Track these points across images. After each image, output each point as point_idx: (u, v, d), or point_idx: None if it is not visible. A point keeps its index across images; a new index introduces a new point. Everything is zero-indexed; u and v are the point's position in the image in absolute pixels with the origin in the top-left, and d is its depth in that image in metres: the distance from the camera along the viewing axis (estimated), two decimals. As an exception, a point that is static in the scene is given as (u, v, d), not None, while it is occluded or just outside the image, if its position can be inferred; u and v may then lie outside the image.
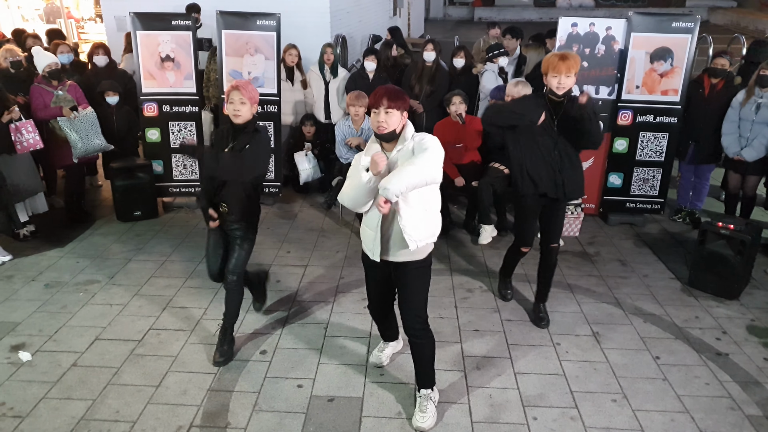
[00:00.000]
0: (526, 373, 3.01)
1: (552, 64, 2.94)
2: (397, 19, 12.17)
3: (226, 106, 2.83)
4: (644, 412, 2.74)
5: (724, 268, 3.67)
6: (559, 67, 2.91)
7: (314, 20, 6.68)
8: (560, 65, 2.91)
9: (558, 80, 2.94)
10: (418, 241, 2.40)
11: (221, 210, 2.97)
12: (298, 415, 2.71)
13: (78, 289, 3.82)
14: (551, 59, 2.96)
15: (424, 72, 5.25)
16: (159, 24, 4.75)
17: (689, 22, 4.39)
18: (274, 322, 3.46)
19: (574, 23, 4.53)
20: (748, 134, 4.18)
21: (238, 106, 2.78)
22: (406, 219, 2.37)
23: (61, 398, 2.81)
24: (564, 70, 2.91)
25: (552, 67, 2.94)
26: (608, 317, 3.53)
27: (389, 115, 2.33)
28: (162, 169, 5.04)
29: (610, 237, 4.67)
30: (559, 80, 2.94)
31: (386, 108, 2.33)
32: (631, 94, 4.55)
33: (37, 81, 4.49)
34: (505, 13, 20.98)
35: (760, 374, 3.01)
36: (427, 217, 2.44)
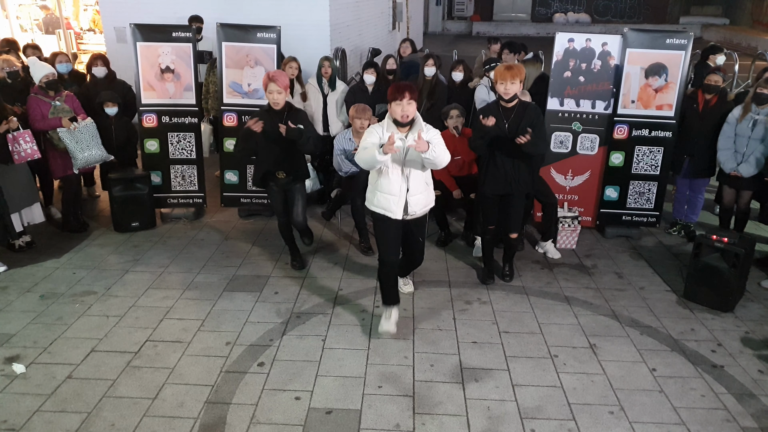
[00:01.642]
0: (524, 385, 3.01)
1: (499, 73, 3.55)
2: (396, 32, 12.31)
3: (267, 95, 3.66)
4: (641, 424, 2.75)
5: (719, 281, 3.71)
6: (504, 75, 3.51)
7: (314, 33, 6.76)
8: (505, 73, 3.51)
9: (504, 87, 3.52)
10: (427, 206, 3.33)
11: (279, 177, 3.86)
12: (296, 427, 2.70)
13: (74, 300, 3.81)
14: (498, 69, 3.58)
15: (423, 86, 5.31)
16: (159, 35, 4.79)
17: (683, 38, 4.47)
18: (272, 333, 3.45)
19: (570, 39, 4.60)
20: (744, 150, 4.25)
21: (276, 96, 3.63)
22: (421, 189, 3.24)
23: (55, 411, 2.78)
24: (509, 77, 3.50)
25: (499, 76, 3.54)
26: (605, 329, 3.54)
27: (410, 105, 3.02)
28: (160, 180, 5.05)
29: (607, 250, 4.70)
30: (506, 86, 3.52)
31: (408, 99, 3.00)
32: (627, 108, 4.61)
33: (33, 91, 4.50)
34: (503, 27, 21.26)
35: (755, 386, 3.02)
36: (428, 188, 3.33)
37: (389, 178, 3.16)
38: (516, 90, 3.54)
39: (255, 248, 4.62)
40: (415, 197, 3.21)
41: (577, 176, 4.86)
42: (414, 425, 2.72)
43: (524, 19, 22.42)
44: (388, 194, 3.19)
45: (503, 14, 22.49)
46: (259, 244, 4.69)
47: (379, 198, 3.22)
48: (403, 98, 2.98)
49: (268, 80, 3.60)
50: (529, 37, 19.09)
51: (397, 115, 3.03)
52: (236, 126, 4.97)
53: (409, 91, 2.99)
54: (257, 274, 4.17)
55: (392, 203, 3.19)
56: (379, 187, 3.21)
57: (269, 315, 3.64)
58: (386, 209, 3.22)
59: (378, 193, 3.22)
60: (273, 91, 3.61)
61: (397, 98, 2.99)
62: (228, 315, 3.64)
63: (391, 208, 3.20)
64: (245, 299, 3.81)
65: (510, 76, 3.50)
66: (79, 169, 4.60)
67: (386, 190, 3.19)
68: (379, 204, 3.23)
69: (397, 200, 3.19)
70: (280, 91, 3.60)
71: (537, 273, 4.27)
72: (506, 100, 3.58)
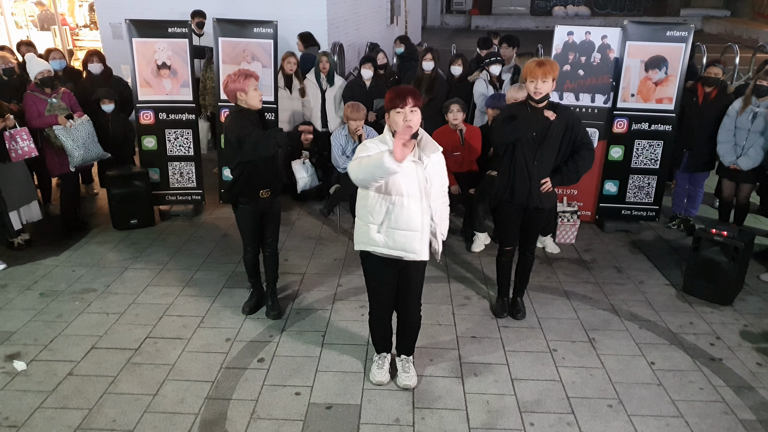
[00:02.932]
0: (523, 379, 3.02)
1: (529, 70, 3.01)
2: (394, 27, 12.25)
3: (251, 93, 3.10)
4: (639, 417, 2.76)
5: (718, 275, 3.71)
6: (535, 72, 2.98)
7: (311, 28, 6.73)
8: (536, 70, 2.98)
9: (535, 85, 3.02)
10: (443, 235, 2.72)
11: (263, 196, 3.27)
12: (296, 422, 2.71)
13: (74, 297, 3.81)
14: (530, 65, 3.02)
15: (423, 80, 5.29)
16: (155, 31, 4.76)
17: (683, 31, 4.45)
18: (271, 329, 3.45)
19: (570, 32, 4.58)
20: (744, 143, 4.23)
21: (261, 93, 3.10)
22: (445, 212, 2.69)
23: (56, 408, 2.79)
24: (540, 75, 2.98)
25: (529, 73, 3.01)
26: (604, 323, 3.55)
27: (414, 113, 2.42)
28: (158, 177, 5.04)
29: (606, 244, 4.70)
30: (536, 85, 3.01)
31: (412, 106, 2.41)
32: (627, 102, 4.60)
33: (30, 88, 4.48)
34: (502, 21, 21.16)
35: (753, 379, 3.03)
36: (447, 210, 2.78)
37: (405, 209, 2.48)
38: (548, 89, 3.02)
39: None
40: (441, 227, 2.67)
41: (576, 170, 4.85)
42: (414, 420, 2.73)
43: (523, 12, 22.31)
44: (410, 231, 2.50)
45: (502, 8, 22.37)
46: (259, 241, 4.69)
47: (394, 237, 2.51)
48: (405, 105, 2.39)
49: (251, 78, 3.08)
50: (528, 31, 19.01)
51: (398, 126, 2.41)
52: (234, 122, 4.95)
53: (413, 97, 2.40)
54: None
55: (416, 241, 2.51)
56: (391, 223, 2.50)
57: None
58: (408, 250, 2.53)
59: (392, 232, 2.51)
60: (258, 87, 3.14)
61: (397, 105, 2.40)
62: (228, 311, 3.64)
63: (414, 248, 2.52)
64: (245, 295, 3.81)
65: (542, 73, 2.96)
66: (76, 167, 4.59)
67: (406, 225, 2.49)
68: (395, 244, 2.52)
69: (421, 237, 2.52)
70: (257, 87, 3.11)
71: (536, 267, 4.26)
72: (536, 101, 3.06)
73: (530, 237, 3.44)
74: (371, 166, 2.27)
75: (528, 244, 3.45)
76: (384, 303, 2.82)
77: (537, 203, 3.25)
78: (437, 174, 2.59)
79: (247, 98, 3.11)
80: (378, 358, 3.01)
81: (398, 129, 2.41)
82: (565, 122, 3.14)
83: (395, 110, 2.41)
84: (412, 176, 2.47)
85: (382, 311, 2.85)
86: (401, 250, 2.55)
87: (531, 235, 3.43)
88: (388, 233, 2.53)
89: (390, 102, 2.42)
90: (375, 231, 2.55)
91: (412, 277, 2.72)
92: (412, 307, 2.83)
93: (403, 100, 2.39)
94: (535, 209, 3.28)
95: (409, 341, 2.95)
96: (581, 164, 3.22)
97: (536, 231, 3.46)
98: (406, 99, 2.39)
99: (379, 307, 2.84)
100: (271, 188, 3.30)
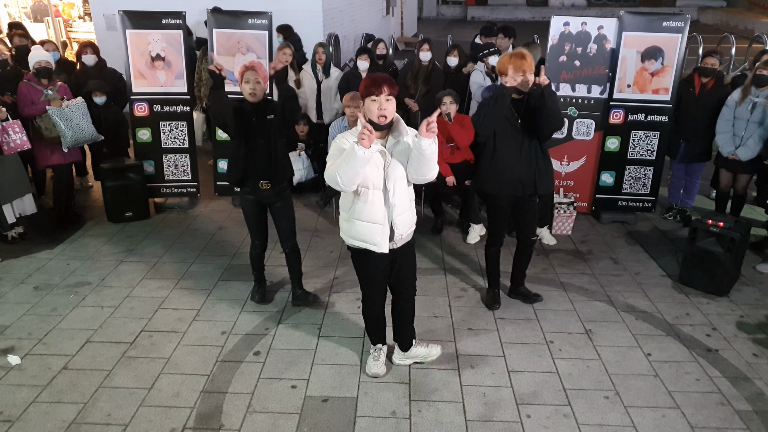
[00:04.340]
0: (519, 371, 3.02)
1: (514, 65, 2.97)
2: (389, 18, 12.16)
3: (242, 86, 3.08)
4: (636, 408, 2.76)
5: (714, 265, 3.71)
6: (522, 66, 2.96)
7: (307, 19, 6.67)
8: (522, 63, 2.95)
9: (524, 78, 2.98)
10: (413, 225, 2.71)
11: (262, 187, 3.24)
12: (293, 415, 2.70)
13: (68, 291, 3.78)
14: (509, 60, 2.99)
15: (419, 71, 5.26)
16: (149, 23, 4.70)
17: (679, 21, 4.42)
18: (267, 322, 3.44)
19: (566, 22, 4.54)
20: (743, 133, 4.22)
21: (254, 85, 3.06)
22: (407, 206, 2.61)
23: (51, 402, 2.78)
24: (528, 68, 2.96)
25: (514, 68, 2.97)
26: (601, 315, 3.55)
27: (389, 102, 2.39)
28: (153, 169, 5.00)
29: (603, 235, 4.70)
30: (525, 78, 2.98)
31: (387, 95, 2.36)
32: (623, 92, 4.58)
33: (27, 77, 4.43)
34: (498, 12, 21.06)
35: (749, 370, 3.04)
36: (412, 206, 2.71)
37: (369, 201, 2.51)
38: (533, 80, 2.99)
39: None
40: (402, 216, 2.59)
41: (572, 161, 4.84)
42: (410, 412, 2.73)
43: (519, 3, 22.19)
44: (370, 222, 2.55)
45: (499, -2, 22.26)
46: (254, 233, 4.66)
47: (357, 228, 2.57)
48: (380, 93, 2.35)
49: (246, 68, 3.07)
50: (524, 22, 18.92)
51: (372, 114, 2.38)
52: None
53: (388, 85, 2.36)
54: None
55: (376, 233, 2.55)
56: (355, 214, 2.56)
57: (265, 304, 3.62)
58: (369, 242, 2.57)
59: (356, 223, 2.57)
60: (250, 80, 3.05)
61: (372, 93, 2.36)
62: (223, 304, 3.63)
63: (375, 240, 2.56)
64: (240, 288, 3.79)
65: (529, 66, 2.96)
66: (68, 148, 4.50)
67: (367, 217, 2.54)
68: (358, 235, 2.59)
69: (381, 229, 2.55)
70: (259, 80, 3.06)
71: (533, 259, 4.25)
72: (520, 93, 3.07)
73: (528, 223, 3.42)
74: (346, 162, 2.33)
75: (528, 232, 3.45)
76: (375, 295, 2.83)
77: (531, 191, 3.24)
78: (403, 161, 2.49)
79: (242, 87, 3.14)
80: (374, 350, 3.01)
81: (372, 117, 2.40)
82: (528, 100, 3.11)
83: (370, 98, 2.38)
84: (377, 166, 2.48)
85: (374, 303, 2.86)
86: (365, 242, 2.59)
87: (528, 221, 3.41)
88: (352, 222, 2.59)
89: (365, 89, 2.39)
90: (344, 219, 2.65)
91: (401, 260, 2.75)
92: (410, 287, 2.87)
93: (379, 88, 2.35)
94: (529, 196, 3.27)
95: (408, 331, 2.98)
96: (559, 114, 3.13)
97: (533, 217, 3.42)
98: (381, 87, 2.35)
99: (371, 300, 2.86)
100: (271, 180, 3.25)
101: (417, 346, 3.03)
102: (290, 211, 3.43)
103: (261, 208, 3.37)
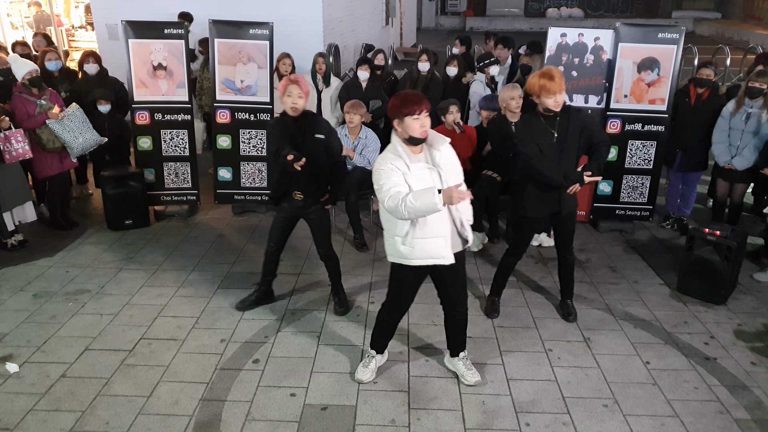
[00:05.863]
0: (518, 379, 3.03)
1: (544, 87, 3.02)
2: (389, 28, 12.28)
3: (283, 99, 3.14)
4: (635, 416, 2.77)
5: (712, 274, 3.73)
6: (550, 87, 3.01)
7: (307, 29, 6.73)
8: (552, 85, 3.01)
9: (554, 100, 3.05)
10: None
11: (296, 198, 3.30)
12: (292, 424, 2.70)
13: (67, 299, 3.78)
14: (539, 81, 3.04)
15: (418, 81, 5.31)
16: (151, 32, 4.75)
17: (675, 33, 4.48)
18: (266, 330, 3.44)
19: (563, 33, 4.60)
20: (738, 143, 4.27)
21: (296, 99, 3.13)
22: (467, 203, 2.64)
23: (49, 410, 2.77)
24: (558, 90, 3.02)
25: (545, 90, 3.03)
26: (599, 323, 3.56)
27: (427, 118, 2.52)
28: (154, 177, 5.02)
29: (601, 244, 4.72)
30: (556, 99, 3.05)
31: (426, 113, 2.49)
32: (620, 103, 4.63)
33: (17, 90, 4.44)
34: (497, 22, 21.24)
35: (747, 378, 3.05)
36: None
37: (429, 220, 2.52)
38: (564, 99, 3.09)
39: (249, 245, 4.61)
40: (466, 214, 2.67)
41: (570, 171, 4.87)
42: (409, 420, 2.73)
43: (517, 14, 22.40)
44: (434, 237, 2.55)
45: (496, 9, 22.47)
46: (254, 241, 4.68)
47: (422, 247, 2.56)
48: (421, 112, 2.45)
49: (289, 82, 3.12)
50: (522, 32, 19.09)
51: (415, 132, 2.47)
52: (229, 123, 4.96)
53: (426, 103, 2.49)
54: (252, 271, 4.16)
55: (440, 247, 2.57)
56: (417, 234, 2.54)
57: (264, 312, 3.63)
58: (436, 256, 2.58)
59: (419, 242, 2.55)
60: (293, 94, 3.11)
61: (414, 112, 2.44)
62: (222, 312, 3.63)
63: (441, 254, 2.58)
64: (240, 296, 3.79)
65: (558, 87, 3.01)
66: (77, 157, 4.59)
67: (430, 233, 2.54)
68: (423, 254, 2.57)
69: (444, 242, 2.58)
70: (301, 95, 3.11)
71: (531, 267, 4.28)
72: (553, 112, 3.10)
73: (567, 239, 3.45)
74: (423, 211, 2.40)
75: (566, 248, 3.47)
76: (403, 307, 2.89)
77: (568, 208, 3.30)
78: (450, 169, 2.60)
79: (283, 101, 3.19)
80: (368, 355, 3.02)
81: (415, 134, 2.49)
82: (580, 124, 3.18)
83: (412, 117, 2.46)
84: (428, 184, 2.51)
85: (398, 313, 2.92)
86: (429, 258, 2.61)
87: (567, 237, 3.45)
88: (413, 243, 2.57)
89: (405, 108, 2.46)
90: (400, 243, 2.61)
91: (454, 271, 2.74)
92: (463, 297, 2.89)
93: (420, 105, 2.46)
94: (568, 213, 3.33)
95: (463, 336, 2.99)
96: (601, 159, 3.25)
97: (571, 233, 3.45)
98: (421, 104, 2.46)
99: (397, 309, 2.90)
100: (305, 193, 3.30)
101: (461, 360, 3.01)
102: (326, 222, 3.50)
103: (290, 222, 3.46)
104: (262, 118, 4.97)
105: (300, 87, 3.11)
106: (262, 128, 4.99)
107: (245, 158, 5.05)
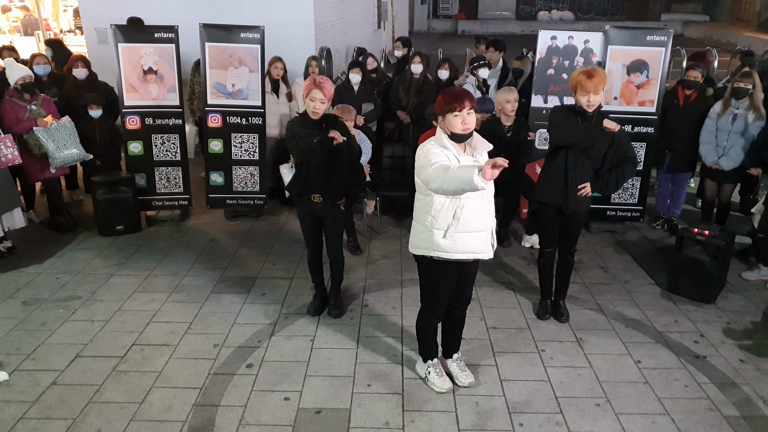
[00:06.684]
0: (512, 380, 3.04)
1: (580, 84, 3.00)
2: (381, 32, 12.31)
3: (306, 101, 3.13)
4: (627, 415, 2.79)
5: (701, 273, 3.77)
6: (586, 86, 2.98)
7: (299, 33, 6.74)
8: (587, 83, 2.97)
9: (587, 99, 3.01)
10: None
11: (314, 200, 3.29)
12: (286, 428, 2.69)
13: (58, 305, 3.75)
14: (578, 77, 3.02)
15: (411, 84, 5.33)
16: (141, 36, 4.74)
17: (663, 35, 4.54)
18: (260, 334, 3.43)
19: (553, 36, 4.65)
20: (725, 143, 4.33)
21: (318, 105, 3.11)
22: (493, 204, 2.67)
23: (40, 418, 2.74)
24: (592, 89, 2.98)
25: (580, 86, 3.00)
26: (591, 323, 3.59)
27: (470, 115, 2.50)
28: (145, 182, 5.00)
29: (592, 244, 4.76)
30: (589, 98, 3.01)
31: (469, 109, 2.48)
32: (610, 105, 4.67)
33: (8, 94, 4.41)
34: (488, 26, 21.36)
35: (736, 375, 3.08)
36: None
37: (472, 211, 2.54)
38: (600, 101, 3.03)
39: (242, 249, 4.60)
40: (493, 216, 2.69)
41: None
42: (403, 422, 2.73)
43: (509, 17, 22.55)
44: (476, 231, 2.57)
45: (488, 12, 22.60)
46: (246, 246, 4.67)
47: (465, 241, 2.56)
48: (462, 108, 2.45)
49: (314, 86, 3.09)
50: (513, 35, 19.22)
51: (456, 128, 2.47)
52: (221, 127, 4.94)
53: (469, 99, 2.47)
54: (244, 275, 4.15)
55: (481, 241, 2.61)
56: (459, 227, 2.54)
57: (257, 316, 3.62)
58: (477, 251, 2.62)
59: (461, 236, 2.55)
60: (316, 98, 3.09)
61: (455, 108, 2.45)
62: (215, 317, 3.62)
63: (482, 248, 2.62)
64: (233, 301, 3.79)
65: (593, 87, 2.97)
66: (56, 169, 4.51)
67: (473, 227, 2.56)
68: (465, 248, 2.58)
69: (485, 236, 2.61)
70: (323, 100, 3.10)
71: (524, 269, 4.30)
72: (589, 113, 3.08)
73: (569, 241, 3.47)
74: (459, 180, 2.29)
75: (567, 248, 3.49)
76: (442, 304, 2.84)
77: (574, 207, 3.29)
78: None
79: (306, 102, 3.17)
80: (433, 366, 2.96)
81: (456, 131, 2.49)
82: (612, 136, 3.15)
83: (453, 113, 2.46)
84: None
85: (440, 315, 2.88)
86: (471, 252, 2.61)
87: (570, 238, 3.47)
88: (455, 237, 2.56)
89: (446, 105, 2.47)
90: (440, 236, 2.57)
91: (469, 275, 2.80)
92: (467, 301, 2.93)
93: (461, 102, 2.45)
94: (572, 213, 3.33)
95: (458, 337, 3.03)
96: (623, 176, 3.25)
97: (575, 234, 3.48)
98: (463, 102, 2.45)
99: (439, 312, 2.86)
100: (324, 195, 3.29)
101: (455, 361, 3.02)
102: (340, 226, 3.55)
103: (313, 218, 3.45)
104: (253, 122, 4.97)
105: (323, 92, 3.08)
106: (254, 132, 4.98)
107: (237, 162, 5.04)
